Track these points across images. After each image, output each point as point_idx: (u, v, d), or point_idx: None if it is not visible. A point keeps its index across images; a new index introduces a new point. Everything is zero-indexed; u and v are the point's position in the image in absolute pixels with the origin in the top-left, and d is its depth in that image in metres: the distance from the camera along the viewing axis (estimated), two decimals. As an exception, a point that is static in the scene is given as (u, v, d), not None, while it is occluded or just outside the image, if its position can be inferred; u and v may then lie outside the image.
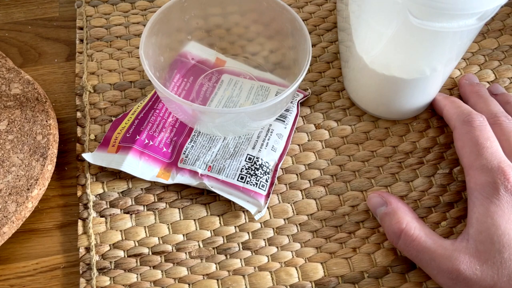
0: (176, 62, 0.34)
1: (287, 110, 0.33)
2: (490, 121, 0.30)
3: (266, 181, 0.30)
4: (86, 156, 0.31)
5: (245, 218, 0.30)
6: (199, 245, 0.29)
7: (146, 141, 0.31)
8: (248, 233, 0.30)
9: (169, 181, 0.30)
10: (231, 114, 0.29)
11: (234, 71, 0.35)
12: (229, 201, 0.31)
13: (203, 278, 0.28)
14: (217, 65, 0.35)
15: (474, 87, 0.34)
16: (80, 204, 0.31)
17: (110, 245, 0.29)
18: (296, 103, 0.34)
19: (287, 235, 0.30)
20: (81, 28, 0.39)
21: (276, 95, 0.34)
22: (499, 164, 0.26)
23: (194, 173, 0.30)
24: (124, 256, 0.29)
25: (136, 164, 0.30)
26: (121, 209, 0.30)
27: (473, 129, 0.29)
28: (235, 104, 0.33)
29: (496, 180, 0.26)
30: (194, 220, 0.30)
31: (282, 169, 0.32)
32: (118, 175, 0.32)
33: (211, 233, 0.30)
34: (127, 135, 0.31)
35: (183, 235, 0.30)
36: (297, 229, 0.30)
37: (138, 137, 0.31)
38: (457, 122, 0.30)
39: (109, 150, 0.31)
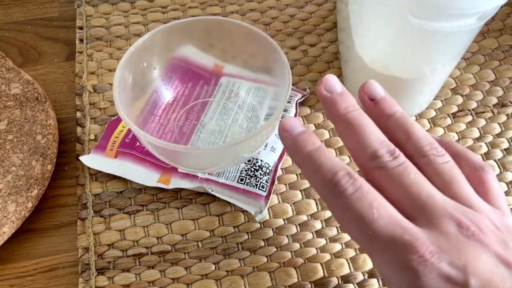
0: (175, 67, 0.34)
1: (285, 111, 0.33)
2: (370, 167, 0.21)
3: (266, 181, 0.30)
4: (84, 159, 0.31)
5: (244, 218, 0.30)
6: (198, 245, 0.29)
7: None
8: (247, 233, 0.30)
9: (170, 186, 0.30)
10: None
11: (232, 75, 0.34)
12: (228, 201, 0.30)
13: (202, 278, 0.28)
14: (214, 70, 0.35)
15: (336, 106, 0.22)
16: (79, 204, 0.31)
17: (109, 245, 0.29)
18: (295, 103, 0.34)
19: (287, 235, 0.30)
20: (81, 28, 0.39)
21: (272, 98, 0.33)
22: (401, 235, 0.19)
23: (194, 177, 0.30)
24: (123, 256, 0.29)
25: (137, 171, 0.30)
26: (120, 209, 0.30)
27: (347, 201, 0.20)
28: (229, 115, 0.33)
29: (407, 260, 0.18)
30: (193, 220, 0.30)
31: (282, 169, 0.32)
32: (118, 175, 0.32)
33: (210, 233, 0.30)
34: (126, 141, 0.31)
35: (182, 235, 0.30)
36: (297, 229, 0.30)
37: (138, 143, 0.31)
38: (326, 195, 0.21)
39: (107, 153, 0.31)
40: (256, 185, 0.30)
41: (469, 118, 0.34)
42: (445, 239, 0.19)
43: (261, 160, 0.31)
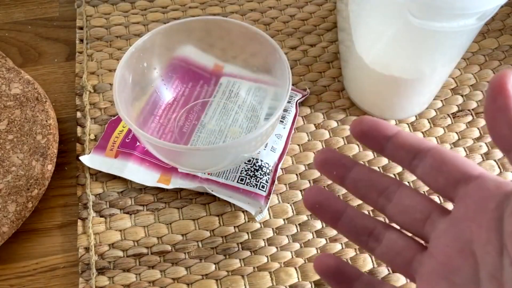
0: (175, 67, 0.34)
1: (285, 111, 0.33)
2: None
3: (266, 181, 0.30)
4: (84, 159, 0.31)
5: (244, 218, 0.30)
6: (198, 245, 0.29)
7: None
8: (247, 233, 0.30)
9: (170, 186, 0.30)
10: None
11: (232, 75, 0.35)
12: (228, 201, 0.30)
13: (202, 278, 0.28)
14: (215, 70, 0.35)
15: None
16: (79, 204, 0.31)
17: (109, 245, 0.29)
18: (295, 103, 0.34)
19: (287, 235, 0.30)
20: (81, 28, 0.39)
21: (272, 98, 0.33)
22: None
23: (194, 177, 0.30)
24: (123, 256, 0.29)
25: (137, 171, 0.30)
26: (120, 209, 0.30)
27: None
28: (229, 115, 0.33)
29: None
30: (194, 220, 0.30)
31: (282, 169, 0.32)
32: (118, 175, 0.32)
33: (210, 233, 0.30)
34: (127, 140, 0.31)
35: (183, 235, 0.30)
36: (297, 229, 0.30)
37: (138, 143, 0.31)
38: None
39: (107, 153, 0.31)
40: (256, 185, 0.30)
41: (469, 118, 0.34)
42: None
43: (261, 160, 0.31)
